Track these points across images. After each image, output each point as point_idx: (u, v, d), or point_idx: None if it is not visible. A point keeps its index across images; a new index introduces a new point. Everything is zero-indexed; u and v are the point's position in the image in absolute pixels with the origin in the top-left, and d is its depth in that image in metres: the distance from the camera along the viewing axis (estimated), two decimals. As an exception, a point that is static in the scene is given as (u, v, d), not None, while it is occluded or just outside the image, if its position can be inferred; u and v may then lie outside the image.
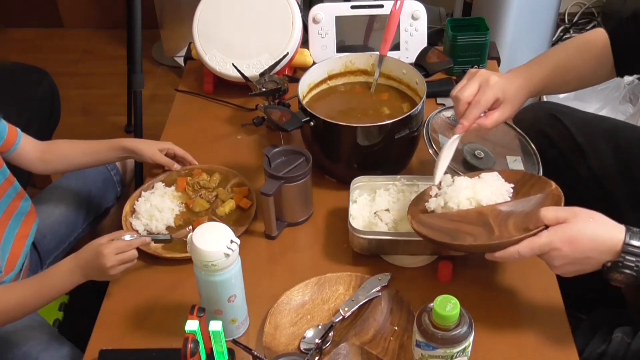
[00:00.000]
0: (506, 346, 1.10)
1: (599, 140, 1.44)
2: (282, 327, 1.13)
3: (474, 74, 1.21)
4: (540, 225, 1.01)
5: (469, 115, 1.19)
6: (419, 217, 1.16)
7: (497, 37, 2.30)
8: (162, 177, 1.42)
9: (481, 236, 1.09)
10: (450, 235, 1.10)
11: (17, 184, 1.36)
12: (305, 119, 1.33)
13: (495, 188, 1.17)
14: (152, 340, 1.13)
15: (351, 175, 1.31)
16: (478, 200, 1.16)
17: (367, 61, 1.49)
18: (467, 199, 1.16)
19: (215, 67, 1.65)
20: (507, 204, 1.15)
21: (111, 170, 1.61)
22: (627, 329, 1.18)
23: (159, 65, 3.01)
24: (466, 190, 1.16)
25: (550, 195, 1.13)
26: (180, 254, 1.25)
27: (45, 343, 1.25)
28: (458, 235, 1.10)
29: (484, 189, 1.16)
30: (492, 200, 1.15)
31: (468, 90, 1.19)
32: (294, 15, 1.65)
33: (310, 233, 1.33)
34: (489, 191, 1.16)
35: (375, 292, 1.15)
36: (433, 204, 1.18)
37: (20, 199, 1.36)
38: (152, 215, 1.32)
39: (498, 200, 1.15)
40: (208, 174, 1.43)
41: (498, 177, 1.20)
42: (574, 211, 1.00)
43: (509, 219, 1.11)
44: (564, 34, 2.94)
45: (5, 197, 1.31)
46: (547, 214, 1.01)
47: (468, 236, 1.10)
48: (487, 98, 1.18)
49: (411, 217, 1.16)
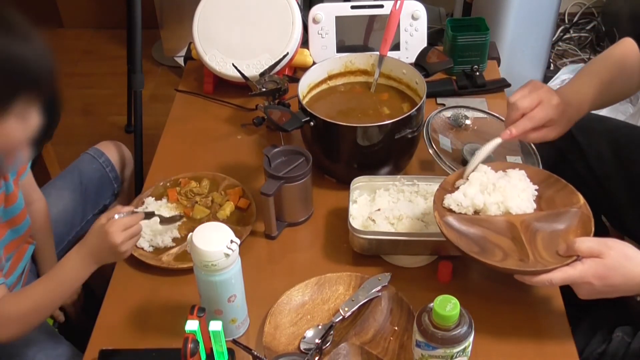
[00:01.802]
0: (506, 346, 1.10)
1: (599, 140, 1.44)
2: (282, 327, 1.13)
3: (538, 88, 1.21)
4: (572, 254, 1.02)
5: (521, 126, 1.19)
6: (447, 219, 1.13)
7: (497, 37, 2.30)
8: (149, 192, 1.40)
9: (512, 252, 1.08)
10: (479, 246, 1.09)
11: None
12: (305, 119, 1.33)
13: (520, 190, 1.16)
14: (152, 340, 1.13)
15: (351, 175, 1.31)
16: (507, 207, 1.14)
17: (367, 61, 1.49)
18: (496, 203, 1.14)
19: (215, 67, 1.65)
20: (535, 217, 1.13)
21: (106, 167, 1.61)
22: (627, 328, 1.18)
23: (159, 65, 3.01)
24: (496, 194, 1.15)
25: (579, 216, 1.12)
26: (191, 264, 1.23)
27: (42, 342, 1.25)
28: (487, 246, 1.09)
29: (513, 196, 1.14)
30: (521, 209, 1.14)
31: (527, 101, 1.19)
32: (294, 15, 1.65)
33: (310, 233, 1.33)
34: (518, 199, 1.15)
35: (375, 292, 1.15)
36: (459, 198, 1.15)
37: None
38: (155, 230, 1.30)
39: (527, 210, 1.14)
40: (196, 181, 1.41)
41: (524, 177, 1.19)
42: (607, 245, 1.01)
43: (537, 234, 1.11)
44: (564, 34, 2.94)
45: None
46: (581, 247, 1.01)
47: (497, 249, 1.09)
48: (544, 116, 1.19)
49: (439, 215, 1.13)
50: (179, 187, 1.40)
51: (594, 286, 1.00)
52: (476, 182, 1.17)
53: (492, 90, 1.67)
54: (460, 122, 1.47)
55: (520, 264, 1.06)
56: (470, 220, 1.14)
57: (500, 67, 1.79)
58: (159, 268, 1.24)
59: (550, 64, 2.76)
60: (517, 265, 1.05)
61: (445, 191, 1.18)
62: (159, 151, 1.55)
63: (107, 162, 1.61)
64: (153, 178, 1.46)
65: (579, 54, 2.90)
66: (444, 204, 1.16)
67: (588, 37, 2.97)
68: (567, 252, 1.04)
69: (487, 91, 1.67)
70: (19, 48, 0.98)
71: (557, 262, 1.03)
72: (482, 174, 1.19)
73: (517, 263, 1.06)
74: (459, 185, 1.18)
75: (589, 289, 1.01)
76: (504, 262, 1.06)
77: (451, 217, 1.14)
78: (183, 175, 1.43)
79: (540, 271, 1.02)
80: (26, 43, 0.99)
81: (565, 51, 2.93)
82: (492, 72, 1.74)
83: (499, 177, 1.18)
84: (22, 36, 0.99)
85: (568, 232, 1.11)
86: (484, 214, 1.15)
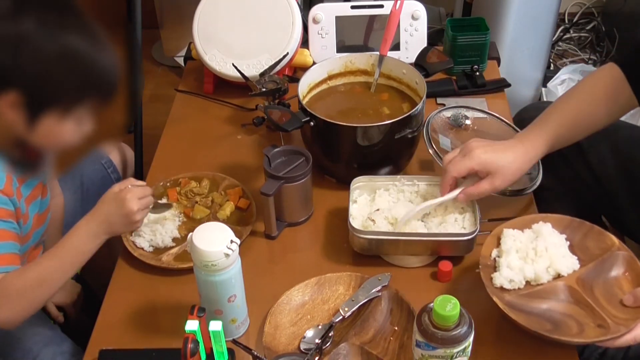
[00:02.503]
0: (506, 346, 1.10)
1: (598, 140, 1.43)
2: (282, 327, 1.13)
3: (466, 145, 1.19)
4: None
5: (441, 180, 1.20)
6: (508, 301, 1.08)
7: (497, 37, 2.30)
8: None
9: (584, 319, 1.05)
10: (550, 322, 1.05)
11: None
12: (305, 119, 1.33)
13: (559, 246, 1.13)
14: (152, 340, 1.13)
15: (351, 175, 1.31)
16: (557, 270, 1.11)
17: (367, 61, 1.49)
18: (545, 269, 1.11)
19: (215, 67, 1.65)
20: (585, 272, 1.11)
21: (108, 167, 1.61)
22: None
23: (159, 65, 3.01)
24: (542, 260, 1.11)
25: (623, 258, 1.12)
26: (191, 264, 1.24)
27: (47, 339, 1.25)
28: (557, 320, 1.06)
29: (558, 256, 1.11)
30: (570, 268, 1.11)
31: (448, 156, 1.21)
32: (294, 15, 1.65)
33: (310, 233, 1.33)
34: (563, 258, 1.12)
35: (375, 292, 1.15)
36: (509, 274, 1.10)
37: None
38: (155, 230, 1.30)
39: (574, 267, 1.12)
40: (196, 181, 1.41)
41: (553, 231, 1.16)
42: None
43: (594, 290, 1.09)
44: (564, 34, 2.94)
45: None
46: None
47: (569, 320, 1.05)
48: (459, 168, 1.18)
49: (499, 300, 1.07)
50: (179, 187, 1.40)
51: None
52: (512, 251, 1.13)
53: (492, 90, 1.67)
54: (460, 122, 1.47)
55: (602, 331, 1.03)
56: (528, 296, 1.10)
57: (500, 67, 1.79)
58: (159, 268, 1.24)
59: (550, 64, 2.76)
60: (601, 334, 1.02)
61: (488, 268, 1.13)
62: (159, 151, 1.55)
63: (109, 163, 1.61)
64: (153, 178, 1.46)
65: (579, 54, 2.90)
66: (495, 284, 1.10)
67: (588, 37, 2.97)
68: (635, 303, 1.04)
69: (487, 91, 1.67)
70: (100, 55, 1.06)
71: (633, 318, 1.02)
72: (512, 239, 1.15)
73: (599, 331, 1.03)
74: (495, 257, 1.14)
75: None
76: (585, 335, 1.03)
77: (509, 296, 1.09)
78: (183, 175, 1.43)
79: (624, 333, 1.01)
80: (105, 52, 1.07)
81: (565, 51, 2.93)
82: (492, 72, 1.74)
83: (533, 239, 1.15)
84: (102, 45, 1.07)
85: (620, 279, 1.10)
86: (536, 282, 1.11)
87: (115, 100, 1.13)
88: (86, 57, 1.05)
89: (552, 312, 1.08)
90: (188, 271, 1.18)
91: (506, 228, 1.17)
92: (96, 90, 1.08)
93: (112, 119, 2.72)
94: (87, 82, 1.07)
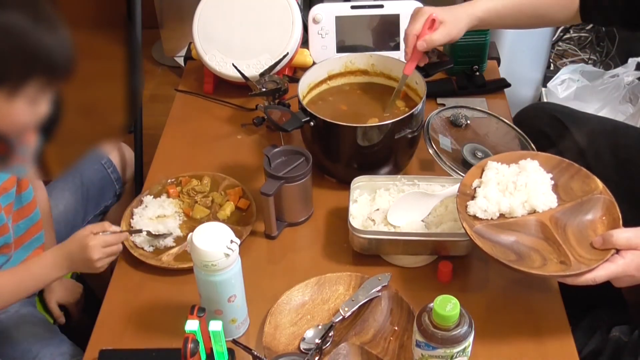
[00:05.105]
0: (506, 346, 1.10)
1: (598, 140, 1.44)
2: (282, 327, 1.13)
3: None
4: (610, 247, 1.03)
5: (406, 42, 1.30)
6: (477, 229, 1.09)
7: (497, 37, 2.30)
8: (147, 190, 1.39)
9: (549, 255, 1.05)
10: (515, 253, 1.06)
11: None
12: (305, 119, 1.33)
13: (540, 183, 1.13)
14: (152, 340, 1.13)
15: (351, 175, 1.31)
16: (533, 205, 1.11)
17: (367, 61, 1.49)
18: (521, 203, 1.12)
19: (215, 67, 1.65)
20: (561, 210, 1.11)
21: (108, 168, 1.61)
22: (625, 327, 1.19)
23: (159, 65, 3.01)
24: (519, 194, 1.12)
25: (603, 203, 1.11)
26: (191, 264, 1.24)
27: (46, 340, 1.25)
28: (522, 252, 1.06)
29: (537, 192, 1.12)
30: (546, 205, 1.12)
31: (408, 26, 1.31)
32: (294, 15, 1.65)
33: (310, 233, 1.33)
34: (542, 195, 1.12)
35: (375, 292, 1.15)
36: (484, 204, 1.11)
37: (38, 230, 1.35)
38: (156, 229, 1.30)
39: (552, 205, 1.12)
40: (197, 180, 1.41)
41: (538, 168, 1.16)
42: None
43: (567, 229, 1.09)
44: (564, 34, 2.94)
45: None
46: (619, 240, 1.02)
47: (534, 254, 1.06)
48: (416, 26, 1.30)
49: (468, 227, 1.08)
50: (180, 187, 1.41)
51: (635, 278, 1.01)
52: (492, 183, 1.14)
53: (492, 90, 1.67)
54: (460, 122, 1.47)
55: (563, 267, 1.03)
56: (499, 226, 1.10)
57: (500, 67, 1.79)
58: (159, 268, 1.24)
59: (550, 64, 2.76)
60: (561, 270, 1.02)
61: (466, 196, 1.14)
62: (159, 151, 1.55)
63: (109, 163, 1.61)
64: (153, 178, 1.46)
65: (579, 54, 2.90)
66: (469, 211, 1.12)
67: (588, 37, 2.97)
68: (603, 245, 1.03)
69: (487, 91, 1.67)
70: (45, 34, 1.03)
71: (596, 259, 1.02)
72: (495, 171, 1.16)
73: (560, 267, 1.03)
74: (475, 187, 1.15)
75: (629, 281, 1.02)
76: (546, 268, 1.03)
77: (479, 224, 1.10)
78: (183, 175, 1.43)
79: (584, 272, 1.01)
80: (51, 32, 1.04)
81: (565, 51, 2.93)
82: (492, 72, 1.74)
83: (516, 173, 1.15)
84: (48, 24, 1.04)
85: (596, 222, 1.10)
86: (510, 215, 1.12)
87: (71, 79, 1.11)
88: (29, 35, 1.01)
89: (519, 245, 1.08)
90: (188, 271, 1.18)
91: (491, 161, 1.18)
92: (43, 69, 1.05)
93: (112, 119, 2.73)
94: (31, 61, 1.03)
